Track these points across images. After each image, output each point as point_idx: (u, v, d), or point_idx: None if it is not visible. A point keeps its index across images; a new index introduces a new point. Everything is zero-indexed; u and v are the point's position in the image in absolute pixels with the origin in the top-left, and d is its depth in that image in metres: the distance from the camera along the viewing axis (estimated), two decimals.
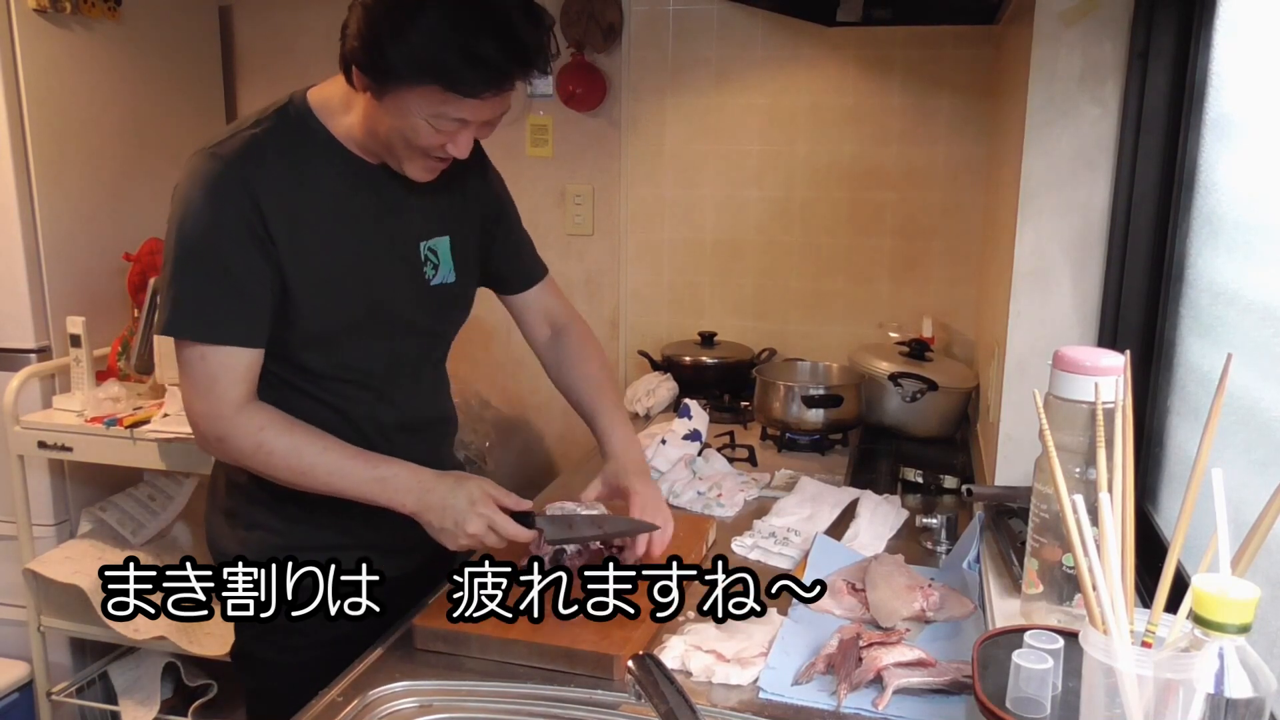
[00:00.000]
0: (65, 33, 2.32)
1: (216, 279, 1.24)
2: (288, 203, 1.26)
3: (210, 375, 1.25)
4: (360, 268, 1.33)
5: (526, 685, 1.14)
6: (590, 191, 2.69)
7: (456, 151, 1.25)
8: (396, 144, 1.25)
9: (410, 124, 1.21)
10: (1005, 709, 0.86)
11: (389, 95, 1.20)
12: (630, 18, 2.56)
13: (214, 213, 1.23)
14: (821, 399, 2.00)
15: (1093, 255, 1.41)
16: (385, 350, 1.38)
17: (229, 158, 1.24)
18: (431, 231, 1.41)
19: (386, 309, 1.36)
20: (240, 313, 1.26)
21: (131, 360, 2.35)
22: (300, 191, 1.28)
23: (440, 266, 1.42)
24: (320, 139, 1.30)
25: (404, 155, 1.27)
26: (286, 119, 1.30)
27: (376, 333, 1.36)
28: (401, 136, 1.23)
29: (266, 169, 1.25)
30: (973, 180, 2.42)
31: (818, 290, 2.58)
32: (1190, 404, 1.26)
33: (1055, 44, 1.37)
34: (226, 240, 1.23)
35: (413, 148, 1.25)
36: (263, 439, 1.27)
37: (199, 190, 1.23)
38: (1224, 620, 0.68)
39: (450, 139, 1.24)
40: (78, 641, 2.42)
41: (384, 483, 1.28)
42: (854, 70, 2.46)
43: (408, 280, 1.39)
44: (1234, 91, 1.19)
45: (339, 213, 1.31)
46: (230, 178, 1.23)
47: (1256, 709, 0.69)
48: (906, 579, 1.31)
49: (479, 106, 1.20)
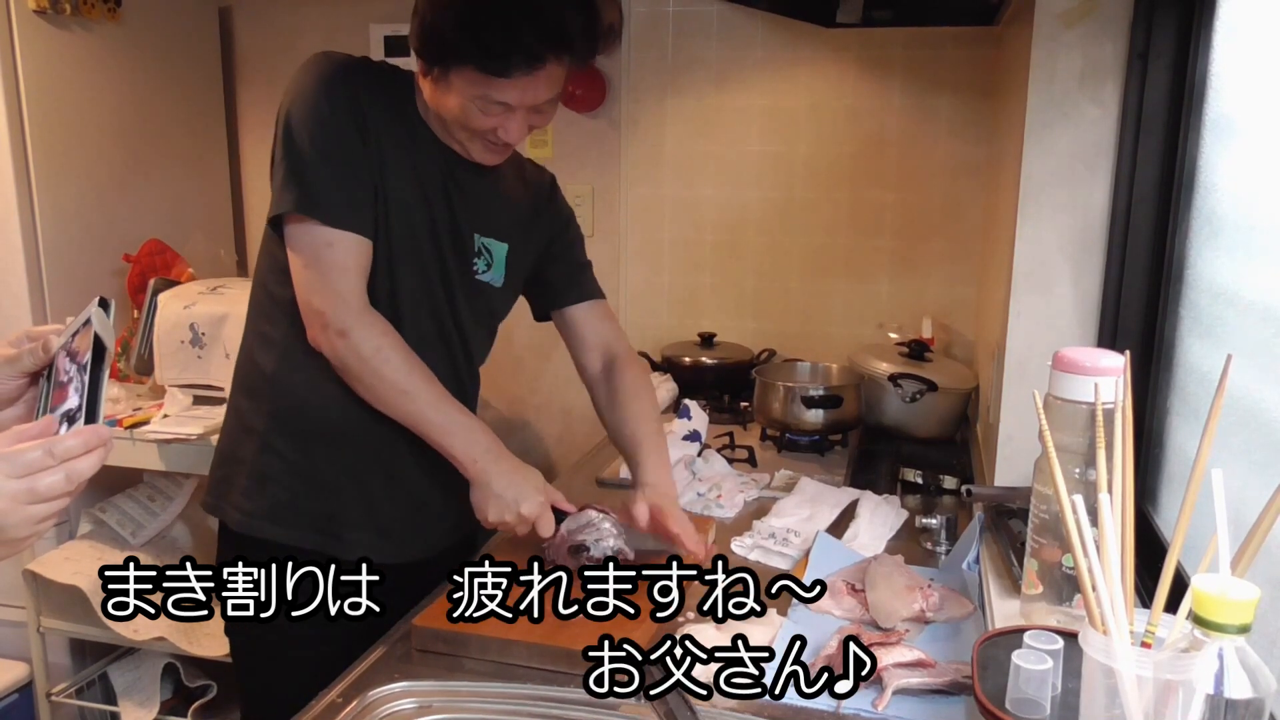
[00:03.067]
0: (65, 34, 2.32)
1: (337, 165, 1.26)
2: (391, 132, 1.30)
3: (340, 265, 1.26)
4: (422, 227, 1.35)
5: (526, 685, 1.14)
6: (590, 192, 2.69)
7: (508, 136, 1.29)
8: (454, 126, 1.30)
9: (460, 105, 1.25)
10: (1005, 710, 0.86)
11: (439, 77, 1.25)
12: (630, 19, 2.56)
13: (332, 103, 1.26)
14: (821, 400, 2.00)
15: (1092, 256, 1.41)
16: (417, 325, 1.38)
17: (349, 63, 1.30)
18: (492, 231, 1.44)
19: (430, 280, 1.38)
20: (362, 202, 1.27)
21: (131, 361, 2.35)
22: (401, 127, 1.32)
23: (493, 265, 1.45)
24: (416, 109, 1.36)
25: (464, 137, 1.31)
26: (401, 74, 1.37)
27: (413, 300, 1.37)
28: (456, 118, 1.28)
29: (377, 92, 1.30)
30: (972, 181, 2.42)
31: (818, 291, 2.58)
32: (1190, 404, 1.26)
33: (1055, 45, 1.37)
34: (345, 129, 1.26)
35: (469, 129, 1.29)
36: (383, 344, 1.28)
37: (319, 80, 1.27)
38: (1224, 621, 0.68)
39: (500, 123, 1.27)
40: (77, 642, 2.42)
41: (470, 431, 1.31)
42: (854, 71, 2.46)
43: (456, 263, 1.40)
44: (1234, 92, 1.19)
45: (417, 171, 1.34)
46: (346, 79, 1.28)
47: (1256, 709, 0.69)
48: (906, 579, 1.31)
49: (515, 88, 1.23)
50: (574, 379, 1.65)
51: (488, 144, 1.32)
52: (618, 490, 1.76)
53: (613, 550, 1.32)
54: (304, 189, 1.24)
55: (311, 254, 1.26)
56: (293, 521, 1.39)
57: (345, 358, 1.29)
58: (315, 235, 1.25)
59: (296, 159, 1.25)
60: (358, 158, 1.28)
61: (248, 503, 1.40)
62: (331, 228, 1.25)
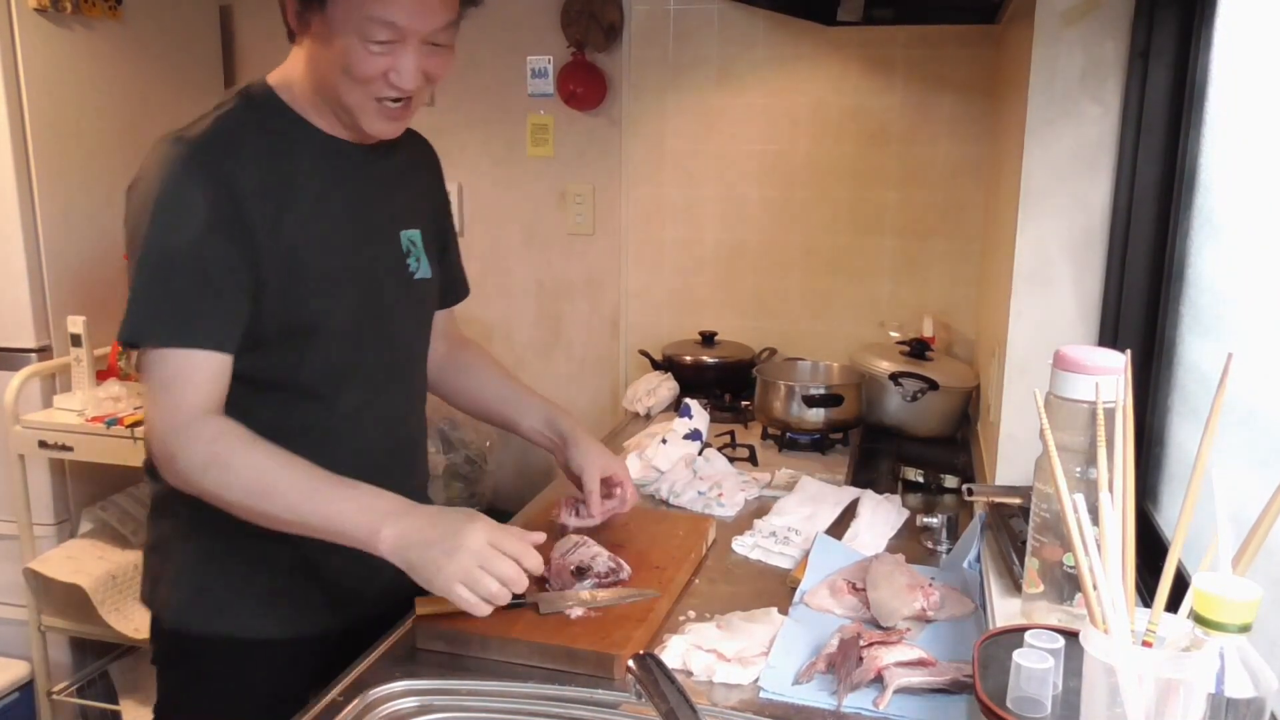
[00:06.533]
0: (66, 32, 2.32)
1: (183, 275, 1.11)
2: (267, 185, 1.16)
3: (166, 381, 1.10)
4: (348, 254, 1.23)
5: (527, 685, 1.13)
6: (591, 191, 2.69)
7: (402, 80, 1.14)
8: (342, 86, 1.15)
9: (345, 48, 1.12)
10: (1006, 708, 0.86)
11: (320, 24, 1.13)
12: (631, 17, 2.56)
13: (183, 202, 1.11)
14: (822, 398, 2.00)
15: (1093, 254, 1.41)
16: (362, 356, 1.27)
17: (198, 141, 1.13)
18: (408, 221, 1.33)
19: (375, 302, 1.27)
20: (208, 312, 1.12)
21: (132, 360, 2.35)
22: (278, 172, 1.17)
23: (421, 259, 1.34)
24: (290, 117, 1.22)
25: (356, 102, 1.16)
26: (252, 100, 1.22)
27: (361, 331, 1.25)
28: (344, 71, 1.13)
29: (241, 151, 1.15)
30: (973, 179, 2.41)
31: (818, 290, 2.58)
32: (1191, 403, 1.25)
33: (1056, 43, 1.37)
34: (197, 231, 1.10)
35: (357, 83, 1.14)
36: (217, 450, 1.09)
37: (165, 179, 1.11)
38: (1225, 620, 0.68)
39: (391, 64, 1.13)
40: (78, 641, 2.42)
41: (357, 499, 1.10)
42: (855, 69, 2.46)
43: (394, 271, 1.30)
44: (1235, 90, 1.19)
45: (322, 194, 1.22)
46: (201, 163, 1.12)
47: (1257, 709, 0.69)
48: (907, 578, 1.31)
49: (403, 4, 1.10)
50: (574, 378, 1.65)
51: (382, 108, 1.17)
52: None
53: (612, 562, 1.32)
54: (132, 312, 1.11)
55: (145, 376, 1.12)
56: (232, 607, 1.27)
57: (182, 478, 1.11)
58: (148, 357, 1.12)
59: (131, 279, 1.12)
60: (214, 256, 1.12)
61: (177, 595, 1.28)
62: (163, 348, 1.11)
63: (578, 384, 2.79)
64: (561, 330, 2.80)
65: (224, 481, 1.09)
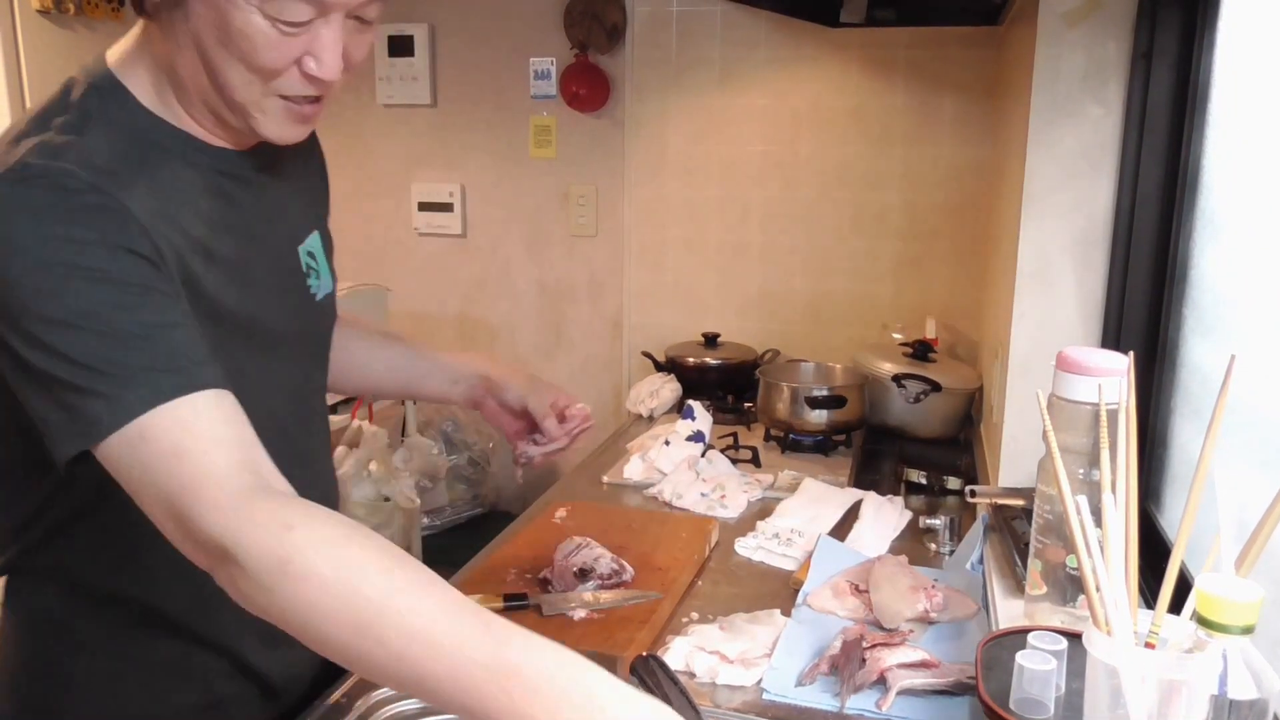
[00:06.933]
0: (69, 34, 2.32)
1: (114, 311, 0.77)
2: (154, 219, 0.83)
3: (163, 453, 0.74)
4: (239, 286, 0.93)
5: None
6: (594, 192, 2.69)
7: (322, 69, 0.83)
8: (234, 80, 0.83)
9: (241, 28, 0.80)
10: (1009, 710, 0.86)
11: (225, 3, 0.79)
12: (633, 18, 2.57)
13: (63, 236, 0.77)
14: (825, 400, 2.00)
15: (1096, 255, 1.41)
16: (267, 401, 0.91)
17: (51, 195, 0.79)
18: (305, 229, 1.05)
19: (272, 337, 0.98)
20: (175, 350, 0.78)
21: None
22: (153, 199, 0.84)
23: (321, 274, 1.06)
24: (152, 121, 0.89)
25: (252, 99, 0.85)
26: (105, 102, 0.88)
27: (258, 375, 0.93)
28: (239, 59, 0.82)
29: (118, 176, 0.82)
30: (976, 181, 2.41)
31: (821, 291, 2.58)
32: (1194, 405, 1.25)
33: (1058, 44, 1.37)
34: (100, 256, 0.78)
35: (258, 76, 0.83)
36: (294, 545, 0.70)
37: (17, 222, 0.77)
38: (1227, 621, 0.68)
39: (308, 45, 0.82)
40: None
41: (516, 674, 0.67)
42: (857, 71, 2.46)
43: (293, 296, 1.02)
44: (1237, 91, 1.19)
45: (211, 228, 0.90)
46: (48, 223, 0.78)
47: (1260, 710, 0.69)
48: (910, 580, 1.31)
49: None
50: (575, 378, 1.65)
51: (289, 108, 0.87)
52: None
53: (615, 564, 1.32)
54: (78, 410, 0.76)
55: (124, 468, 0.76)
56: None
57: (241, 593, 0.73)
58: (119, 439, 0.75)
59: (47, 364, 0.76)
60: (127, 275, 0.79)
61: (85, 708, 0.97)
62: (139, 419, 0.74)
63: (580, 386, 2.79)
64: (564, 332, 2.80)
65: (298, 596, 0.70)
